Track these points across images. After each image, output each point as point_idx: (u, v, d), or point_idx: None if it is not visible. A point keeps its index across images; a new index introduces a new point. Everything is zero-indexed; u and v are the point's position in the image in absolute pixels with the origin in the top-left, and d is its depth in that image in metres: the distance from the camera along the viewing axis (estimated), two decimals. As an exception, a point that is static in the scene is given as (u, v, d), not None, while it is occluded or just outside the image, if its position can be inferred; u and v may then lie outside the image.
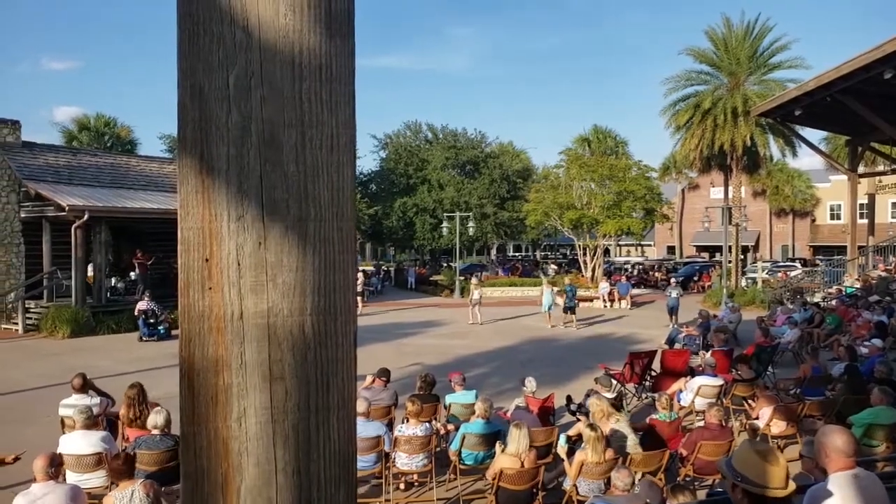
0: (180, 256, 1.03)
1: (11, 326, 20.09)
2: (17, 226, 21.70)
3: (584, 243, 29.99)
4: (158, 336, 18.19)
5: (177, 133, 1.03)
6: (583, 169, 29.99)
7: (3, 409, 10.59)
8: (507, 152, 48.62)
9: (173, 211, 14.70)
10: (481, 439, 6.98)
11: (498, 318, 22.38)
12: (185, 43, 1.01)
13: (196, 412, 1.02)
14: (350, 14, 1.10)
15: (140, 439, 6.60)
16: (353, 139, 1.12)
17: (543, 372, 11.56)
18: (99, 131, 40.11)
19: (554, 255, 58.95)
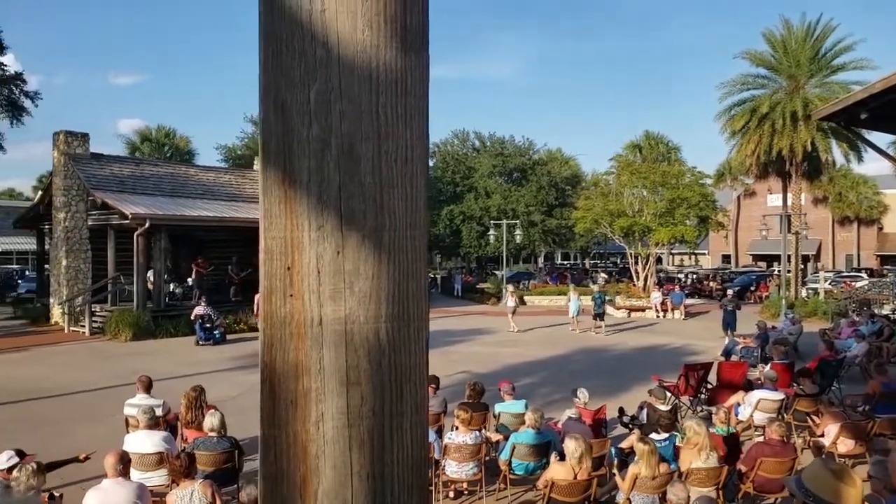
0: (264, 265, 1.07)
1: (79, 329, 20.91)
2: (84, 233, 22.64)
3: (636, 252, 29.52)
4: (214, 340, 18.66)
5: (260, 146, 1.08)
6: (634, 175, 29.56)
7: (74, 408, 11.03)
8: (556, 159, 48.31)
9: (229, 219, 15.15)
10: (532, 449, 6.93)
11: (546, 327, 22.20)
12: (268, 60, 1.06)
13: (276, 415, 1.05)
14: (425, 29, 1.13)
15: (198, 440, 6.78)
16: (427, 151, 1.14)
17: (594, 383, 11.41)
18: (160, 142, 41.56)
19: (604, 264, 58.17)
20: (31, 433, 9.26)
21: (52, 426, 9.81)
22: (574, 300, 21.70)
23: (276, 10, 1.05)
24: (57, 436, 9.11)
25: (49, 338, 19.95)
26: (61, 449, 7.86)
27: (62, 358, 16.47)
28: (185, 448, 6.95)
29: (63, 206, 22.58)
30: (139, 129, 44.94)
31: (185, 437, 7.50)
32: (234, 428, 7.23)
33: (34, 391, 12.27)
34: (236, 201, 25.95)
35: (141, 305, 20.25)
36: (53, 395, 12.04)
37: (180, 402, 7.84)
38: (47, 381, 13.32)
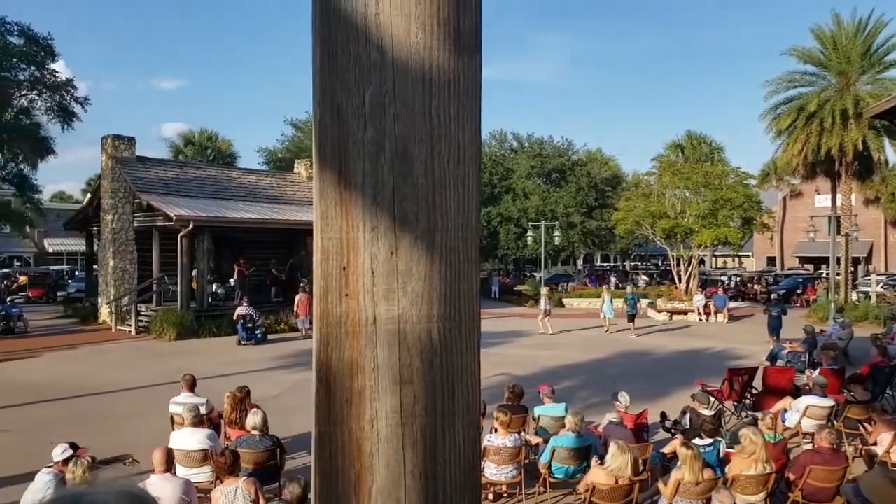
0: (320, 265, 1.09)
1: (125, 328, 21.48)
2: (131, 234, 23.25)
3: (678, 253, 29.03)
4: (256, 340, 18.96)
5: (315, 149, 1.10)
6: (676, 176, 29.09)
7: (121, 404, 11.33)
8: (595, 160, 47.83)
9: (270, 221, 15.36)
10: (572, 453, 6.87)
11: (582, 329, 22.02)
12: (324, 63, 1.08)
13: (332, 413, 1.07)
14: (478, 31, 1.13)
15: (241, 438, 6.90)
16: (479, 152, 1.15)
17: (635, 386, 11.25)
18: (202, 145, 42.42)
19: (645, 266, 57.37)
20: (80, 428, 9.53)
21: (100, 422, 10.08)
22: (607, 302, 21.82)
23: (332, 15, 1.07)
24: (105, 432, 9.35)
25: (97, 336, 20.53)
26: (109, 444, 8.07)
27: (109, 356, 16.93)
28: (228, 446, 7.09)
29: (110, 209, 23.21)
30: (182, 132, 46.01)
31: (228, 435, 7.64)
32: (276, 427, 7.34)
33: (84, 388, 12.64)
34: (277, 203, 26.34)
35: (185, 305, 20.70)
36: (101, 391, 12.38)
37: (223, 400, 7.99)
38: (96, 378, 13.70)
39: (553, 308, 29.69)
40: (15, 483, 6.91)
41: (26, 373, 14.49)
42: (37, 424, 10.00)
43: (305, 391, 8.14)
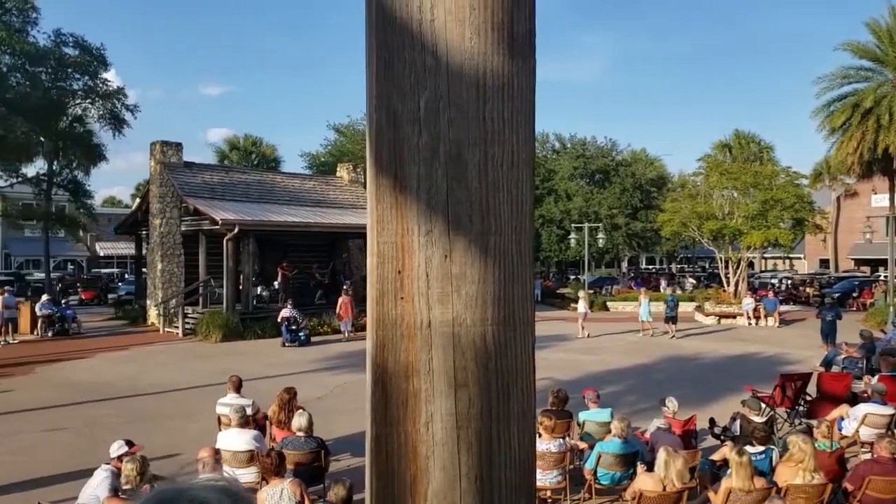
0: (375, 268, 1.10)
1: (173, 329, 22.01)
2: (178, 238, 23.83)
3: (726, 256, 28.42)
4: (299, 342, 19.23)
5: (371, 154, 1.11)
6: (724, 176, 28.48)
7: (169, 405, 11.61)
8: (640, 160, 47.14)
9: (314, 224, 15.58)
10: (618, 459, 6.78)
11: (625, 332, 21.73)
12: (380, 70, 1.09)
13: (388, 415, 1.08)
14: (532, 34, 1.13)
15: (286, 440, 6.99)
16: (532, 155, 1.15)
17: (683, 392, 11.05)
18: (247, 150, 43.24)
19: (691, 268, 56.30)
20: (131, 427, 9.80)
21: (149, 421, 10.35)
22: (644, 304, 21.74)
23: (388, 22, 1.08)
24: (154, 431, 9.60)
25: (146, 338, 21.10)
26: (158, 443, 8.30)
27: (158, 357, 17.37)
28: (273, 447, 7.20)
29: (158, 213, 23.83)
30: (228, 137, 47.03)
31: (274, 436, 7.75)
32: (319, 429, 7.43)
33: (134, 388, 13.00)
34: (320, 207, 26.68)
35: (230, 308, 21.10)
36: (150, 392, 12.71)
37: (270, 402, 8.13)
38: (145, 378, 14.08)
39: (597, 311, 29.53)
40: (72, 479, 7.13)
41: (81, 372, 14.97)
42: (91, 423, 10.32)
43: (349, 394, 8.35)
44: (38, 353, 17.47)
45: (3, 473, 7.88)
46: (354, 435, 9.37)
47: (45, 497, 5.90)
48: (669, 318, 21.20)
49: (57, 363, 16.09)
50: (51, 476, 7.74)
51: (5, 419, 10.53)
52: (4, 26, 26.14)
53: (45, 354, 17.30)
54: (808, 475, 5.74)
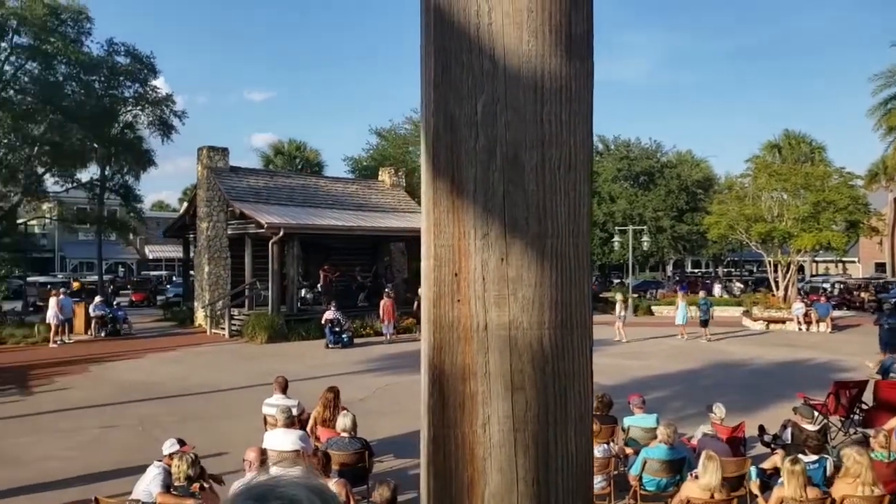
0: (432, 271, 1.11)
1: (220, 331, 22.46)
2: (224, 241, 24.33)
3: (775, 259, 27.70)
4: (342, 344, 19.42)
5: (428, 158, 1.12)
6: (773, 178, 27.77)
7: (216, 404, 11.85)
8: (686, 161, 46.32)
9: (357, 228, 15.72)
10: (664, 465, 6.66)
11: (672, 336, 21.36)
12: (438, 75, 1.10)
13: (445, 416, 1.09)
14: (589, 36, 1.13)
15: (331, 440, 7.06)
16: (590, 157, 1.14)
17: (730, 398, 10.80)
18: (291, 155, 43.89)
19: (738, 272, 55.05)
20: (181, 425, 10.04)
21: (198, 421, 10.57)
22: (682, 308, 21.78)
23: (446, 27, 1.09)
24: (202, 430, 9.80)
25: (193, 339, 21.58)
26: (206, 442, 8.46)
27: (205, 358, 17.74)
28: (317, 447, 7.28)
29: (206, 217, 24.36)
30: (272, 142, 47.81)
31: (318, 437, 7.84)
32: (362, 430, 7.48)
33: (183, 387, 13.31)
34: (362, 210, 26.93)
35: (275, 309, 21.43)
36: (198, 392, 12.98)
37: (314, 402, 8.23)
38: (193, 378, 14.40)
39: (641, 315, 29.11)
40: (126, 475, 7.34)
41: (132, 372, 15.39)
42: (143, 420, 10.60)
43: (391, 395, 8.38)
44: (91, 353, 18.04)
45: (64, 468, 8.15)
46: (397, 436, 9.42)
47: (101, 492, 6.07)
48: (702, 322, 21.28)
49: (109, 362, 16.58)
50: (106, 471, 7.98)
51: (65, 415, 10.90)
52: (61, 37, 27.09)
53: (99, 354, 17.86)
54: (867, 488, 5.55)
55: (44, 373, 15.06)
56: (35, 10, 25.77)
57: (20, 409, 11.46)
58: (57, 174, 30.81)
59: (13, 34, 26.41)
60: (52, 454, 8.78)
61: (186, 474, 5.53)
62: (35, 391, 13.12)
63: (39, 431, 9.92)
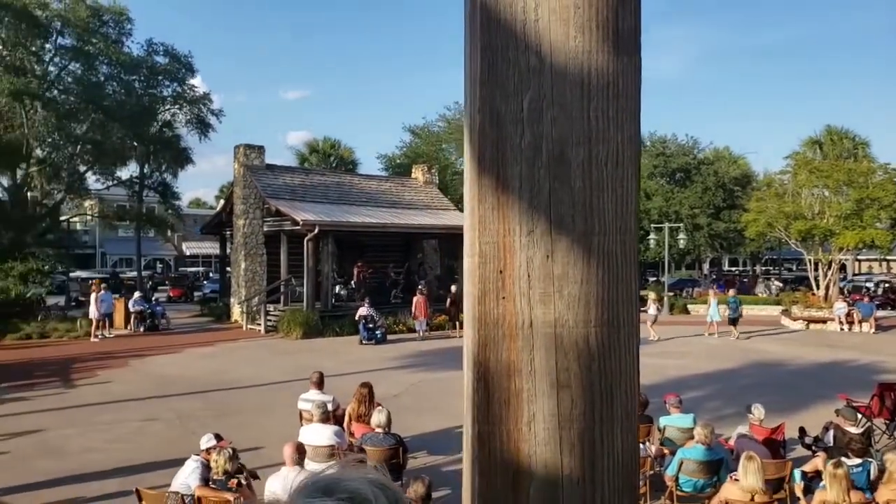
0: (477, 268, 1.11)
1: (255, 326, 22.78)
2: (260, 238, 24.66)
3: (816, 257, 27.07)
4: (376, 340, 19.55)
5: (473, 155, 1.12)
6: (814, 174, 27.13)
7: (252, 399, 12.03)
8: (723, 158, 45.56)
9: (391, 225, 15.82)
10: (702, 466, 6.57)
11: (711, 335, 21.04)
12: (484, 72, 1.10)
13: (490, 413, 1.09)
14: (637, 31, 1.11)
15: (366, 436, 7.12)
16: (638, 153, 1.13)
17: (769, 399, 10.58)
18: (325, 153, 44.25)
19: (777, 270, 53.95)
20: (218, 420, 10.21)
21: (235, 416, 10.74)
22: (713, 306, 21.76)
23: (493, 23, 1.09)
24: (239, 425, 9.96)
25: (230, 334, 21.92)
26: (243, 436, 8.61)
27: (241, 353, 18.01)
28: (352, 443, 7.34)
29: (242, 214, 24.72)
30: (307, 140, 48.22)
31: (352, 432, 7.90)
32: (396, 426, 7.52)
33: (219, 382, 13.53)
34: (396, 208, 27.05)
35: (310, 306, 21.66)
36: (235, 386, 13.19)
37: (348, 398, 8.30)
38: (229, 373, 14.63)
39: (677, 314, 28.72)
40: (164, 467, 7.49)
41: (170, 366, 15.71)
42: (181, 414, 10.81)
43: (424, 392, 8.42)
44: (131, 347, 18.47)
45: (106, 460, 8.36)
46: (431, 433, 9.46)
47: (140, 483, 6.22)
48: (732, 320, 21.27)
49: (148, 357, 16.95)
50: (145, 464, 8.16)
51: (106, 408, 11.18)
52: (102, 38, 27.76)
53: (138, 348, 18.27)
54: None
55: (86, 366, 15.46)
56: (78, 11, 26.44)
57: (64, 401, 11.79)
58: (98, 172, 31.58)
59: (57, 36, 27.12)
60: (93, 446, 9.01)
61: (224, 469, 5.62)
62: (77, 384, 13.48)
63: (81, 423, 10.18)
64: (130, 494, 6.14)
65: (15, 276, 23.48)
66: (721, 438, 7.71)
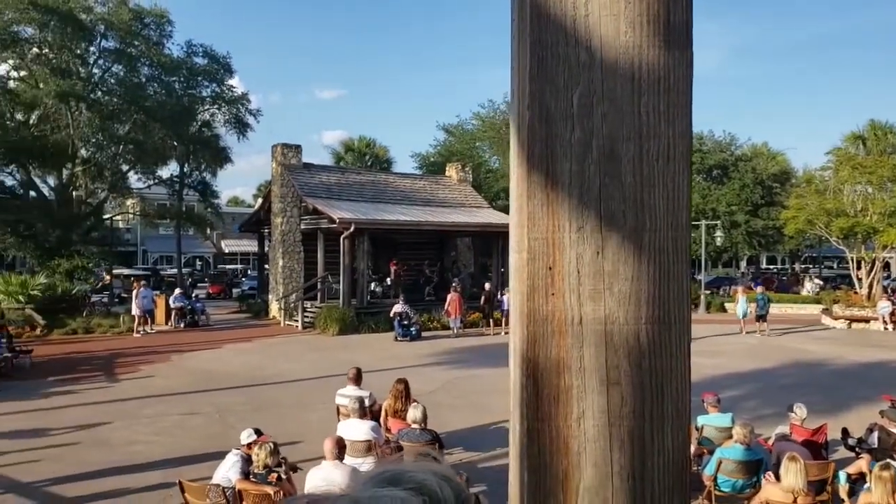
0: (526, 265, 1.11)
1: (293, 323, 23.08)
2: (298, 236, 24.97)
3: (858, 255, 26.40)
4: (411, 337, 19.66)
5: (522, 151, 1.12)
6: (856, 171, 26.45)
7: (290, 394, 12.19)
8: (761, 154, 44.59)
9: (425, 223, 15.88)
10: (741, 466, 6.47)
11: (747, 334, 20.68)
12: (534, 68, 1.10)
13: (540, 409, 1.09)
14: (689, 25, 1.10)
15: (402, 431, 7.17)
16: (690, 149, 1.12)
17: (809, 399, 10.34)
18: (361, 151, 44.60)
19: (817, 268, 52.70)
20: (257, 414, 10.38)
21: (273, 410, 10.90)
22: (742, 302, 22.00)
23: (543, 19, 1.09)
24: (278, 419, 10.11)
25: (268, 330, 22.25)
26: (281, 431, 8.72)
27: (279, 349, 18.27)
28: (388, 438, 7.40)
29: (280, 212, 25.04)
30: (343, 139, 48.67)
31: (388, 428, 7.96)
32: (431, 422, 7.56)
33: (258, 378, 13.75)
34: (430, 206, 27.13)
35: (346, 303, 21.87)
36: (273, 382, 13.39)
37: (384, 394, 8.37)
38: (268, 369, 14.85)
39: (714, 312, 28.26)
40: (205, 461, 7.65)
41: (210, 361, 16.01)
42: (221, 409, 11.01)
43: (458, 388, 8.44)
44: (172, 343, 18.87)
45: (149, 452, 8.57)
46: (466, 429, 9.48)
47: (182, 476, 6.35)
48: (759, 317, 21.31)
49: (189, 352, 17.29)
50: (186, 456, 8.34)
51: (149, 402, 11.45)
52: (144, 40, 28.37)
53: (179, 344, 18.65)
54: None
55: (129, 361, 15.85)
56: (121, 15, 27.07)
57: (108, 395, 12.10)
58: (140, 171, 32.33)
59: (101, 38, 27.81)
60: (136, 439, 9.24)
61: (265, 462, 5.71)
62: (121, 378, 13.83)
63: (126, 417, 10.44)
64: (173, 486, 6.28)
65: (62, 272, 24.19)
66: (760, 438, 7.58)
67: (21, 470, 7.86)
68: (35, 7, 23.95)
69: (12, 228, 26.09)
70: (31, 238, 26.23)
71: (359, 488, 0.63)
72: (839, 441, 8.19)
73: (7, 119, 26.13)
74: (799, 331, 22.25)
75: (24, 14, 24.31)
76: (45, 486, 7.41)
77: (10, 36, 24.96)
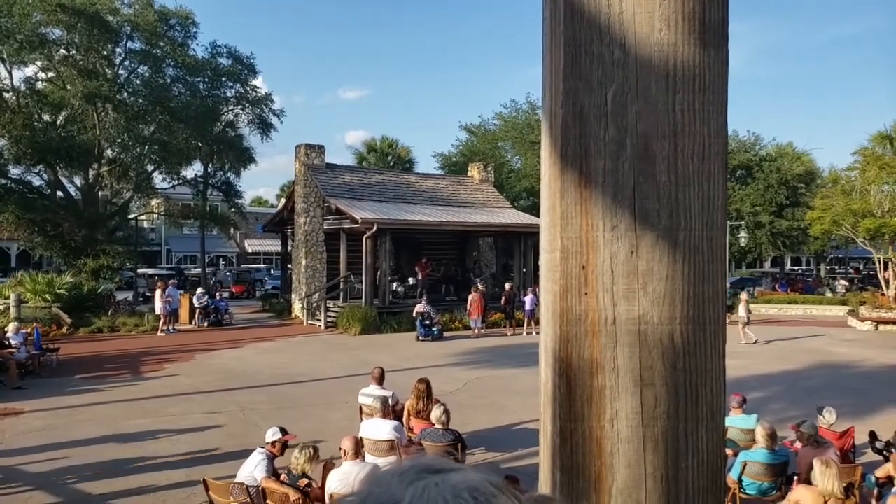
0: (559, 264, 1.10)
1: (315, 322, 23.21)
2: (321, 236, 25.10)
3: (885, 257, 25.93)
4: (432, 337, 19.66)
5: (555, 150, 1.11)
6: (884, 170, 25.96)
7: (313, 393, 12.26)
8: (786, 154, 43.95)
9: (447, 223, 15.84)
10: (766, 469, 6.39)
11: (775, 339, 20.37)
12: (567, 66, 1.09)
13: (573, 409, 1.08)
14: (724, 23, 1.09)
15: (424, 431, 7.17)
16: (725, 147, 1.11)
17: (836, 402, 10.15)
18: (383, 152, 44.71)
19: (843, 270, 51.83)
20: (280, 413, 10.45)
21: (296, 409, 10.97)
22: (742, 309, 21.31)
23: (577, 17, 1.08)
24: (300, 417, 10.17)
25: (291, 329, 22.39)
26: (304, 430, 8.77)
27: (302, 348, 18.38)
28: (411, 438, 7.41)
29: (303, 212, 25.19)
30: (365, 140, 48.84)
31: (411, 428, 7.97)
32: (453, 422, 7.54)
33: (281, 376, 13.84)
34: (452, 206, 27.12)
35: (368, 302, 21.94)
36: (296, 381, 13.46)
37: (406, 393, 8.38)
38: (291, 368, 14.95)
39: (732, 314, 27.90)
40: (230, 459, 7.72)
41: (234, 360, 16.15)
42: (245, 407, 11.10)
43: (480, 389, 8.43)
44: (196, 342, 19.07)
45: (173, 450, 8.67)
46: (488, 429, 9.46)
47: (206, 474, 6.41)
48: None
49: (213, 351, 17.46)
50: (210, 455, 8.42)
51: (174, 400, 11.57)
52: (169, 42, 28.70)
53: (203, 343, 18.84)
54: None
55: (153, 359, 16.04)
56: (147, 16, 27.41)
57: (134, 393, 12.26)
58: (164, 171, 32.66)
59: (127, 40, 28.18)
60: (161, 436, 9.34)
61: (303, 469, 5.71)
62: (146, 377, 14.00)
63: (151, 415, 10.57)
64: (197, 484, 6.34)
65: (87, 271, 24.56)
66: (786, 441, 7.47)
67: (48, 466, 7.99)
68: (63, 9, 24.32)
69: (40, 228, 26.53)
70: (57, 237, 26.65)
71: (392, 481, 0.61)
72: (866, 444, 8.05)
73: (35, 120, 26.56)
74: (825, 334, 21.89)
75: (51, 16, 24.70)
76: (71, 483, 7.52)
77: (39, 38, 25.36)
